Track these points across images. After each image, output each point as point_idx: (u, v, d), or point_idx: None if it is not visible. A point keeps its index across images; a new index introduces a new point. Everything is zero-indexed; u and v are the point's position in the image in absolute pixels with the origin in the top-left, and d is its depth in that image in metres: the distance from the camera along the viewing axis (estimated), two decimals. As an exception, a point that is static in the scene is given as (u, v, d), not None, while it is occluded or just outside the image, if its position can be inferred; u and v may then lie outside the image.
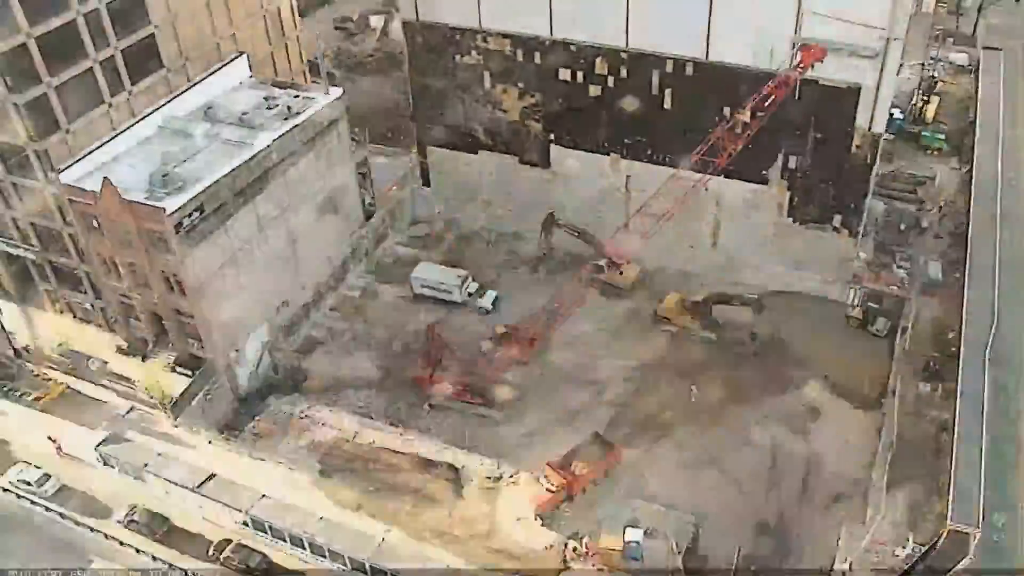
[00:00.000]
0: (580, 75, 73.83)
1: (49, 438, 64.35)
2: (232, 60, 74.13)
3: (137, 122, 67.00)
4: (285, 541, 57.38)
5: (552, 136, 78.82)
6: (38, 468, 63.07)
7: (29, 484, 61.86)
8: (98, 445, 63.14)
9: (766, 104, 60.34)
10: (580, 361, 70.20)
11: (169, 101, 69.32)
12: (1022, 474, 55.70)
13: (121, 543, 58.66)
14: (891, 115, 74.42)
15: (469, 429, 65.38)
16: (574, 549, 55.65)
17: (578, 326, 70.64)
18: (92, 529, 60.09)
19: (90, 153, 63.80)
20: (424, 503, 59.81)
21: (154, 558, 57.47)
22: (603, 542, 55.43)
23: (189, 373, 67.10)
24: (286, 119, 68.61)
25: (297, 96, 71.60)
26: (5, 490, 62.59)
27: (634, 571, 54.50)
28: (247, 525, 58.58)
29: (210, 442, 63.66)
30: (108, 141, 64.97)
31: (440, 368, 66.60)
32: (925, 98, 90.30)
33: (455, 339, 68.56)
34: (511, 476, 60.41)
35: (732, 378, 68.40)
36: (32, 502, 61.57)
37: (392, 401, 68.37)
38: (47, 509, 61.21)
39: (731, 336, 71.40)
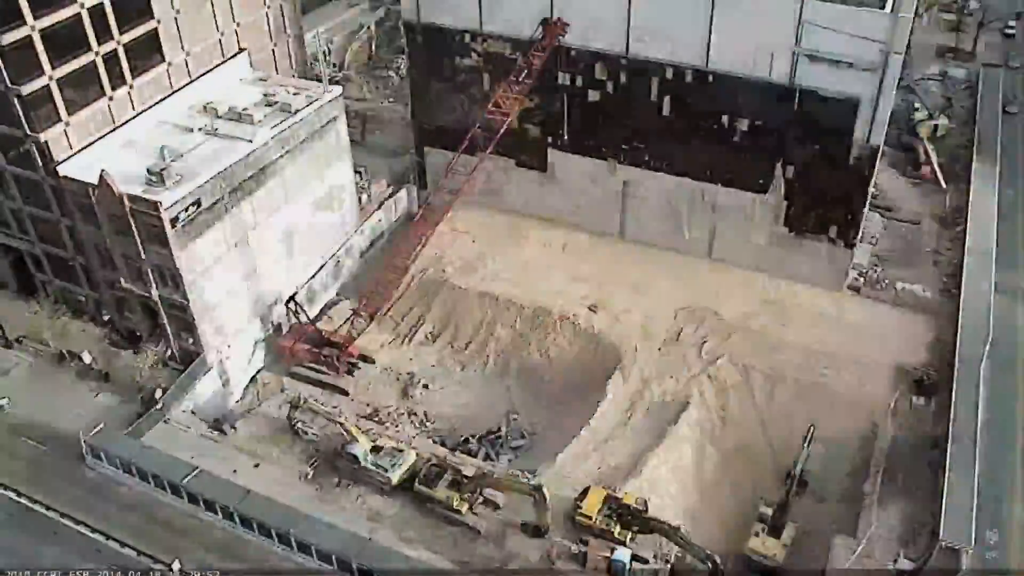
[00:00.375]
0: (579, 80, 74.01)
1: None
2: (233, 56, 74.26)
3: (136, 116, 66.99)
4: (272, 539, 57.20)
5: (550, 140, 78.89)
6: None
7: None
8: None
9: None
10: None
11: (169, 95, 69.36)
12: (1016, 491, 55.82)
13: (123, 545, 57.66)
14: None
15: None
16: (557, 554, 55.49)
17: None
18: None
19: (89, 146, 63.76)
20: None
21: (155, 559, 56.89)
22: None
23: (181, 367, 67.15)
24: (285, 116, 68.67)
25: (297, 93, 71.67)
26: None
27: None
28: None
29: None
30: (107, 134, 64.93)
31: (305, 341, 69.47)
32: (925, 113, 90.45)
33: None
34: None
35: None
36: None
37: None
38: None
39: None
